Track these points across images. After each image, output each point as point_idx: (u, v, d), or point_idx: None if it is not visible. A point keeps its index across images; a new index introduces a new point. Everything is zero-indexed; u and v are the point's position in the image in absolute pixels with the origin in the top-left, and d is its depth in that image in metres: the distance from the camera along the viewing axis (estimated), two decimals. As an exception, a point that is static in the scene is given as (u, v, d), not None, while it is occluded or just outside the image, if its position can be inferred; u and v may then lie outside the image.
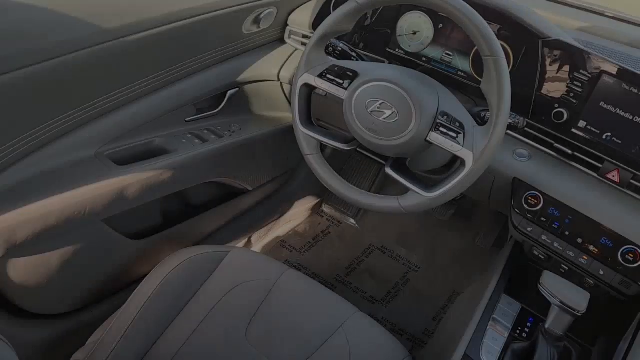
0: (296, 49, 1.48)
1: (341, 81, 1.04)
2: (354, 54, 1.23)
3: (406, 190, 1.01)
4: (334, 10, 1.22)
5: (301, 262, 1.91)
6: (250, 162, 1.58)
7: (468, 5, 0.90)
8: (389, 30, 1.29)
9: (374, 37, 1.31)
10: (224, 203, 1.62)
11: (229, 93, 1.45)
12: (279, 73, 1.45)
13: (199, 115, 1.41)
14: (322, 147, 1.14)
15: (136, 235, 1.32)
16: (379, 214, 2.08)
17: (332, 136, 1.11)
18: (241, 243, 1.86)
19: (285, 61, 1.46)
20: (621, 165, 1.05)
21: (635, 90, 1.00)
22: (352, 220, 2.09)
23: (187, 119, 1.39)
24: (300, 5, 1.48)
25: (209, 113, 1.44)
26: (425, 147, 1.02)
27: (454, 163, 1.15)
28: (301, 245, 1.98)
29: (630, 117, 1.01)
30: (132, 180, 1.17)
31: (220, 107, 1.46)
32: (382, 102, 0.98)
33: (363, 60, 1.23)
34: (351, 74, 1.03)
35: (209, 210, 1.56)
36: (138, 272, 1.39)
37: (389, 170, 1.04)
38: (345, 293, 1.83)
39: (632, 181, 1.05)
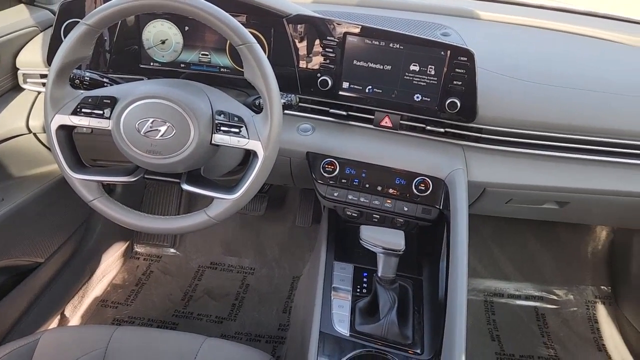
0: (39, 92, 1.31)
1: (100, 111, 0.94)
2: (105, 79, 1.12)
3: (211, 200, 0.97)
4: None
5: (132, 314, 1.74)
6: (28, 231, 1.36)
7: (205, 2, 0.88)
8: (136, 46, 1.21)
9: (122, 57, 1.22)
10: (15, 287, 1.37)
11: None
12: (27, 124, 1.27)
13: None
14: (111, 186, 1.03)
15: None
16: (197, 233, 2.00)
17: (112, 172, 1.00)
18: (54, 323, 1.61)
19: (30, 109, 1.28)
20: (388, 111, 1.16)
21: (377, 43, 1.10)
22: (172, 250, 1.97)
23: None
24: (26, 44, 1.30)
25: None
26: (214, 151, 0.99)
27: (248, 158, 1.14)
28: (125, 297, 1.80)
29: (381, 67, 1.11)
30: None
31: None
32: (154, 120, 0.91)
33: (118, 83, 1.14)
34: (109, 101, 0.94)
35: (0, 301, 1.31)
36: None
37: (185, 186, 0.98)
38: (189, 325, 1.72)
39: (402, 122, 1.17)
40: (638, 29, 1.47)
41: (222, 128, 0.93)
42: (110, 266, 1.86)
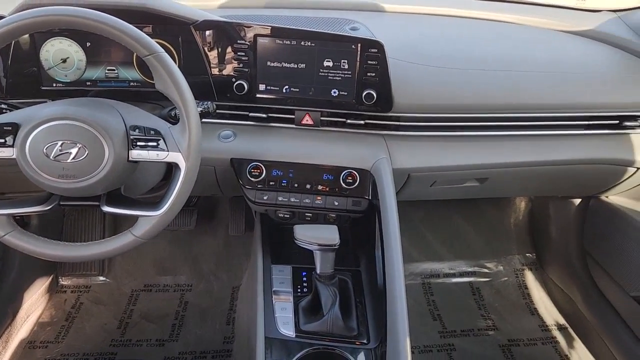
0: None
1: (2, 140, 0.88)
2: (3, 106, 1.05)
3: (136, 219, 0.93)
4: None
5: (64, 352, 1.64)
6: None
7: (103, 14, 0.84)
8: (34, 67, 1.13)
9: (20, 81, 1.14)
10: None
11: None
12: None
13: None
14: (25, 219, 0.96)
15: None
16: (127, 256, 1.91)
17: (22, 203, 0.94)
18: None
19: None
20: (308, 108, 1.16)
21: (288, 42, 1.10)
22: (101, 278, 1.88)
23: None
24: None
25: None
26: (133, 168, 0.95)
27: (170, 171, 1.11)
28: (55, 335, 1.69)
29: (295, 66, 1.11)
30: None
31: None
32: (63, 143, 0.86)
33: (19, 109, 1.06)
34: (10, 128, 0.88)
35: None
36: None
37: (105, 208, 0.94)
38: (129, 353, 1.64)
39: (322, 118, 1.17)
40: (535, 10, 1.56)
41: (139, 143, 0.90)
42: (34, 304, 1.73)
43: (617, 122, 1.26)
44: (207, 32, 1.11)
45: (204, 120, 1.15)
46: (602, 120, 1.25)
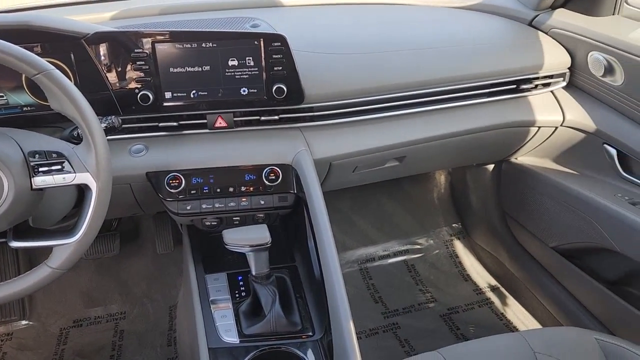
0: None
1: None
2: None
3: (51, 250, 0.87)
4: None
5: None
6: None
7: None
8: None
9: None
10: None
11: None
12: None
13: None
14: None
15: None
16: (50, 293, 1.79)
17: None
18: None
19: None
20: (219, 111, 1.14)
21: (189, 45, 1.07)
22: (24, 322, 1.74)
23: None
24: None
25: None
26: (40, 196, 0.89)
27: (82, 194, 1.04)
28: (-20, 391, 1.56)
29: (200, 69, 1.08)
30: None
31: None
32: None
33: None
34: None
35: None
36: None
37: (14, 244, 0.87)
38: (68, 395, 1.54)
39: (236, 119, 1.15)
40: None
41: (41, 169, 0.84)
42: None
43: (515, 86, 1.34)
44: (101, 45, 1.05)
45: (110, 136, 1.10)
46: (501, 86, 1.33)
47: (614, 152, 1.31)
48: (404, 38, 1.33)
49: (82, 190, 0.88)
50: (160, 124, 1.13)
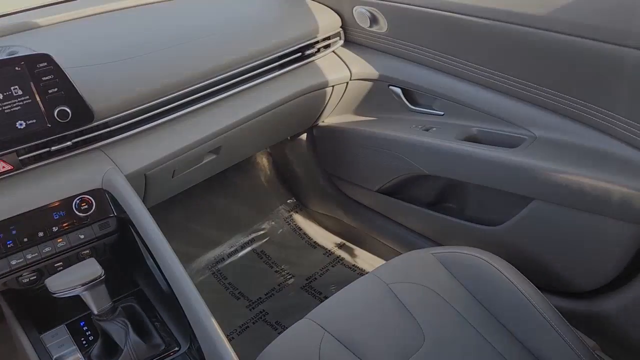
0: None
1: None
2: None
3: None
4: None
5: None
6: None
7: None
8: None
9: None
10: None
11: None
12: None
13: None
14: None
15: None
16: None
17: None
18: None
19: None
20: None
21: None
22: None
23: None
24: None
25: None
26: None
27: None
28: None
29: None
30: None
31: None
32: None
33: None
34: None
35: None
36: None
37: None
38: None
39: (21, 158, 1.02)
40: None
41: None
42: None
43: (300, 54, 1.41)
44: None
45: None
46: (288, 56, 1.39)
47: (399, 90, 1.47)
48: (182, 31, 1.30)
49: None
50: None
